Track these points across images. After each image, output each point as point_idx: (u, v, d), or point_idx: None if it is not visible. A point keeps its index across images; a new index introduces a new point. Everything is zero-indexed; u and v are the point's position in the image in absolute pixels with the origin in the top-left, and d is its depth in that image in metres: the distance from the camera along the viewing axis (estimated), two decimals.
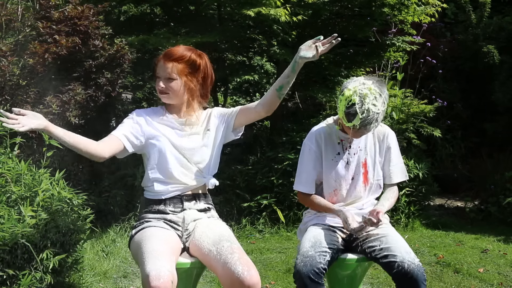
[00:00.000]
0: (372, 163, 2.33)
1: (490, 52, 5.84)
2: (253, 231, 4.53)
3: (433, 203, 5.56)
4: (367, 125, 2.12)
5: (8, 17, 3.92)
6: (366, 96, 2.10)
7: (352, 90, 2.13)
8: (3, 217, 2.51)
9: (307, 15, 4.59)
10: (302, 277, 2.04)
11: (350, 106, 2.11)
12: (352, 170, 2.31)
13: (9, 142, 3.00)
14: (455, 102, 6.25)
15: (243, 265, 1.92)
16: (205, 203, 2.25)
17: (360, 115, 2.09)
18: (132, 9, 5.80)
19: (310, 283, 2.02)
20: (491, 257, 3.93)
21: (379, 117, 2.13)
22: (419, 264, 2.06)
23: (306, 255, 2.10)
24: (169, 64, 2.11)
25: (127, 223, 4.33)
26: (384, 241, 2.16)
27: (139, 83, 6.02)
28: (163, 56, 2.14)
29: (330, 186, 2.33)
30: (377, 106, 2.11)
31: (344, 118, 2.15)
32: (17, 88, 3.80)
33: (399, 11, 4.86)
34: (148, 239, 1.99)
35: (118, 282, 3.33)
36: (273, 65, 6.47)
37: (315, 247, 2.13)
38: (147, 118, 2.19)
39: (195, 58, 2.15)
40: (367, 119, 2.10)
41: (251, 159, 4.92)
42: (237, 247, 2.02)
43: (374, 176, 2.34)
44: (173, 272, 1.85)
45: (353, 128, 2.14)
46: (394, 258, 2.07)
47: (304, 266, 2.06)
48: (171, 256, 1.94)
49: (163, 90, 2.14)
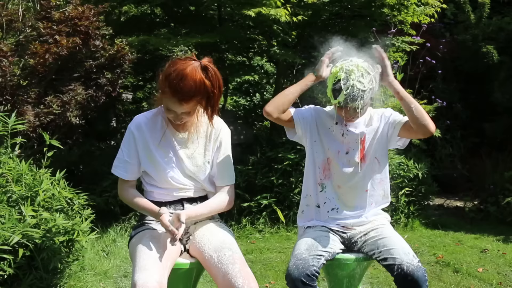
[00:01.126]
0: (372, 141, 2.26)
1: (489, 53, 5.85)
2: (253, 231, 4.54)
3: (432, 203, 5.57)
4: (351, 101, 2.08)
5: (9, 18, 3.93)
6: (352, 72, 2.09)
7: (339, 67, 2.14)
8: (4, 217, 2.52)
9: (307, 15, 4.60)
10: (294, 280, 2.02)
11: (336, 82, 2.12)
12: (348, 144, 2.25)
13: (10, 142, 3.01)
14: (454, 102, 6.26)
15: (244, 278, 1.91)
16: None
17: (345, 91, 2.08)
18: (132, 9, 5.82)
19: (302, 286, 2.01)
20: (490, 257, 3.94)
21: (365, 95, 2.09)
22: (419, 265, 2.03)
23: (299, 257, 2.07)
24: (183, 104, 1.96)
25: (128, 223, 4.33)
26: (382, 243, 2.14)
27: (139, 83, 6.04)
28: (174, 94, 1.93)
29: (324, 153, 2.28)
30: (363, 83, 2.08)
31: (331, 95, 2.16)
32: (18, 88, 3.81)
33: (399, 12, 4.87)
34: (143, 245, 1.97)
35: (119, 282, 3.33)
36: (273, 65, 6.48)
37: (310, 250, 2.11)
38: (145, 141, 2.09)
39: (207, 84, 1.95)
40: (351, 95, 2.07)
41: (251, 159, 4.93)
42: (239, 257, 2.00)
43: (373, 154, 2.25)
44: (162, 282, 1.83)
45: (339, 106, 2.13)
46: (393, 261, 2.05)
47: (296, 269, 2.04)
48: (164, 263, 1.92)
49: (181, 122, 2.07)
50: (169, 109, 2.00)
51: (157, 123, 2.12)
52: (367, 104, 2.19)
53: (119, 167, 2.14)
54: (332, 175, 2.29)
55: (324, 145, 2.28)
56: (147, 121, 2.12)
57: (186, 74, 1.91)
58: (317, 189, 2.30)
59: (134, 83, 5.99)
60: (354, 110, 2.14)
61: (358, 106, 2.11)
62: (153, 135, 2.10)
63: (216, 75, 1.97)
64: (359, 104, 2.10)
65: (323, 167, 2.30)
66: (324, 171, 2.29)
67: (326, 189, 2.29)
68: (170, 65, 1.98)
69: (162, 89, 1.97)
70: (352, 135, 2.26)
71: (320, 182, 2.30)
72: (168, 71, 1.95)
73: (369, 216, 2.29)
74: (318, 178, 2.30)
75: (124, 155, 2.12)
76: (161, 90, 1.99)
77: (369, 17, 4.98)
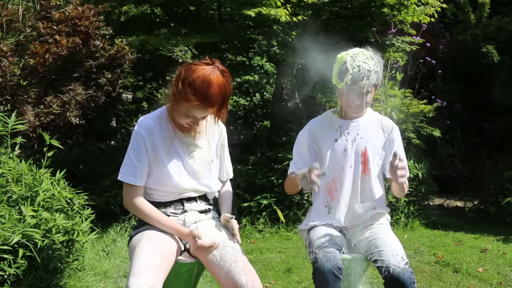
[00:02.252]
0: (373, 153, 2.26)
1: (489, 53, 5.85)
2: (253, 231, 4.54)
3: (432, 203, 5.57)
4: (358, 81, 2.10)
5: (9, 18, 3.92)
6: (357, 55, 2.14)
7: (344, 53, 2.18)
8: (4, 217, 2.52)
9: (307, 15, 4.60)
10: (325, 272, 1.97)
11: (342, 65, 2.15)
12: (350, 158, 2.25)
13: (10, 142, 3.01)
14: (454, 102, 6.27)
15: (247, 276, 1.91)
16: (206, 204, 2.24)
17: (351, 71, 2.10)
18: (132, 9, 5.82)
19: (334, 280, 1.97)
20: (490, 257, 3.94)
21: (371, 75, 2.12)
22: (405, 267, 2.00)
23: (327, 250, 2.04)
24: (209, 110, 1.99)
25: (128, 223, 4.33)
26: (375, 245, 2.14)
27: (139, 83, 6.04)
28: (203, 102, 1.94)
29: (329, 173, 2.26)
30: (368, 64, 2.12)
31: (337, 80, 2.17)
32: (18, 88, 3.80)
33: (399, 11, 4.87)
34: (140, 247, 1.97)
35: (119, 282, 3.33)
36: (273, 65, 6.48)
37: (332, 243, 2.09)
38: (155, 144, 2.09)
39: (228, 92, 2.01)
40: (358, 74, 2.10)
41: (251, 159, 4.93)
42: (241, 255, 2.01)
43: (374, 165, 2.26)
44: (156, 287, 1.82)
45: (346, 87, 2.13)
46: (381, 263, 2.04)
47: (327, 262, 1.99)
48: (160, 266, 1.91)
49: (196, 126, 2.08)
50: (188, 115, 1.99)
51: (165, 127, 2.11)
52: (371, 92, 2.19)
53: (127, 173, 2.08)
54: (338, 194, 2.28)
55: (328, 165, 2.27)
56: (155, 124, 2.10)
57: (213, 81, 1.93)
58: (325, 211, 2.30)
59: (134, 83, 5.99)
60: (360, 94, 2.14)
61: (363, 86, 2.12)
62: (162, 140, 2.09)
63: (230, 77, 2.01)
64: (365, 84, 2.12)
65: (328, 189, 2.29)
66: (330, 192, 2.29)
67: (332, 210, 2.29)
68: (188, 71, 1.96)
69: (185, 96, 1.94)
70: (353, 148, 2.26)
71: (327, 205, 2.30)
72: (190, 78, 1.94)
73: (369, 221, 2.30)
74: (325, 201, 2.30)
75: (133, 160, 2.07)
76: (183, 97, 1.95)
77: (369, 17, 4.98)
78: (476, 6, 6.31)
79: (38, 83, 3.96)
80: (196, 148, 2.15)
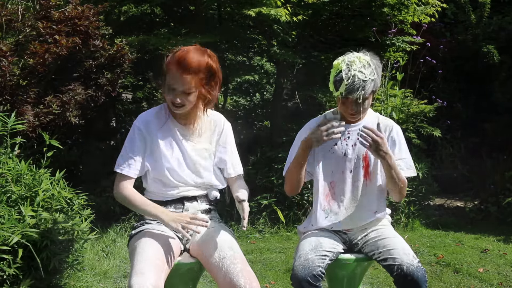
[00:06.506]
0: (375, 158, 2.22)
1: (489, 52, 5.85)
2: (253, 231, 4.53)
3: (433, 203, 5.56)
4: (352, 92, 2.07)
5: (9, 17, 3.92)
6: (353, 63, 2.10)
7: (340, 60, 2.15)
8: (3, 217, 2.51)
9: (307, 15, 4.60)
10: (300, 280, 2.00)
11: (337, 74, 2.12)
12: (351, 163, 2.23)
13: (10, 142, 3.00)
14: (455, 102, 6.26)
15: (245, 277, 1.91)
16: (206, 204, 2.23)
17: (346, 81, 2.07)
18: (132, 9, 5.81)
19: (308, 287, 2.00)
20: (490, 257, 3.93)
21: (366, 85, 2.08)
22: (419, 265, 2.03)
23: (305, 257, 2.06)
24: (187, 76, 1.96)
25: (127, 223, 4.33)
26: (382, 244, 2.14)
27: (139, 83, 6.03)
28: (178, 66, 1.96)
29: (327, 177, 2.25)
30: (364, 74, 2.08)
31: (333, 88, 2.15)
32: (17, 88, 3.80)
33: (399, 11, 4.87)
34: (141, 247, 1.96)
35: (118, 282, 3.33)
36: (273, 65, 6.48)
37: (314, 251, 2.09)
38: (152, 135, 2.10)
39: (212, 64, 2.02)
40: (353, 85, 2.06)
41: (251, 159, 4.92)
42: (240, 256, 2.00)
43: (376, 169, 2.23)
44: (158, 286, 1.82)
45: (341, 97, 2.11)
46: (393, 262, 2.04)
47: (303, 269, 2.02)
48: (161, 266, 1.90)
49: (179, 104, 2.02)
50: (170, 89, 2.00)
51: (164, 120, 2.14)
52: (369, 98, 2.16)
53: (121, 163, 2.10)
54: (337, 198, 2.26)
55: (327, 168, 2.26)
56: (153, 117, 2.14)
57: (190, 49, 2.01)
58: (324, 215, 2.28)
59: (134, 83, 5.98)
60: (356, 103, 2.12)
61: (359, 97, 2.10)
62: (161, 132, 2.11)
63: (217, 63, 2.06)
64: (360, 95, 2.09)
65: (325, 194, 2.27)
66: (326, 197, 2.27)
67: (331, 214, 2.27)
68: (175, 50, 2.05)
69: (167, 69, 2.00)
70: (354, 153, 2.24)
71: (326, 209, 2.28)
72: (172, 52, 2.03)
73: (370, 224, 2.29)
74: (324, 205, 2.28)
75: (128, 151, 2.09)
76: (164, 69, 2.01)
77: (369, 17, 4.97)
78: (477, 5, 6.31)
79: (38, 83, 3.95)
80: (195, 140, 2.15)
